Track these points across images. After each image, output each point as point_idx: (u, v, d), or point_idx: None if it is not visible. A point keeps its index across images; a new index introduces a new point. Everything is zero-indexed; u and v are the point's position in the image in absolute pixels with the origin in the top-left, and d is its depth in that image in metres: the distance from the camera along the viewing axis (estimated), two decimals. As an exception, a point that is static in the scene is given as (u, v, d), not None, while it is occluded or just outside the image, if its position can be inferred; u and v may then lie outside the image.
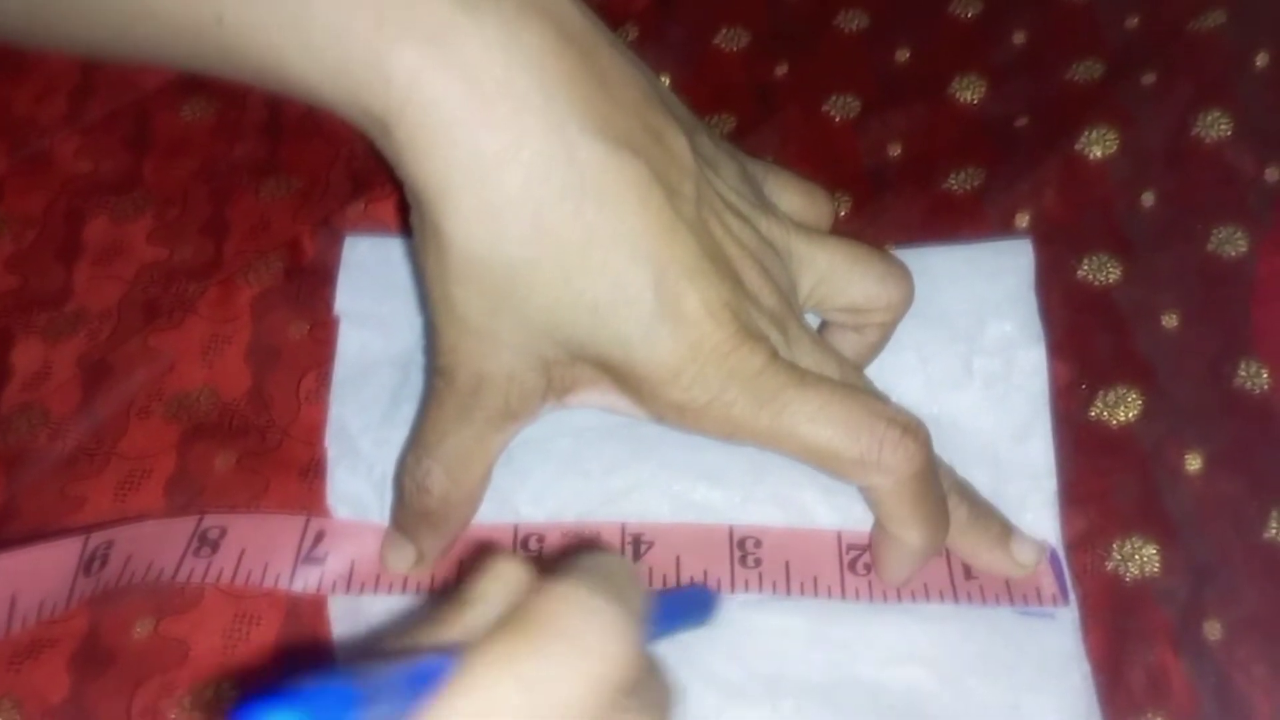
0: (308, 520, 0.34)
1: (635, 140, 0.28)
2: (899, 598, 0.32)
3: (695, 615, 0.30)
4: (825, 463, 0.30)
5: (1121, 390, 0.35)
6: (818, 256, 0.32)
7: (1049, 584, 0.32)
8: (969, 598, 0.32)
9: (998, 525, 0.32)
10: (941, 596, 0.32)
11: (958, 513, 0.32)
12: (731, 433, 0.30)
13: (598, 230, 0.28)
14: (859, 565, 0.32)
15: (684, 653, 0.31)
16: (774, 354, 0.29)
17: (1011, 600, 0.32)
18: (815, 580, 0.32)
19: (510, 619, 0.20)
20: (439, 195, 0.27)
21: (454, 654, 0.19)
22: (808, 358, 0.31)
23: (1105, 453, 0.34)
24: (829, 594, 0.32)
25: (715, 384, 0.29)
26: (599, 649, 0.20)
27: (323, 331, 0.37)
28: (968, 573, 0.32)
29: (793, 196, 0.35)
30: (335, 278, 0.38)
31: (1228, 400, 0.34)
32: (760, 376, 0.29)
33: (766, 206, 0.33)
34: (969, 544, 0.32)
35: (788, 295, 0.31)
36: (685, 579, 0.32)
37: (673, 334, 0.28)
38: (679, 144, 0.30)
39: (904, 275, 0.33)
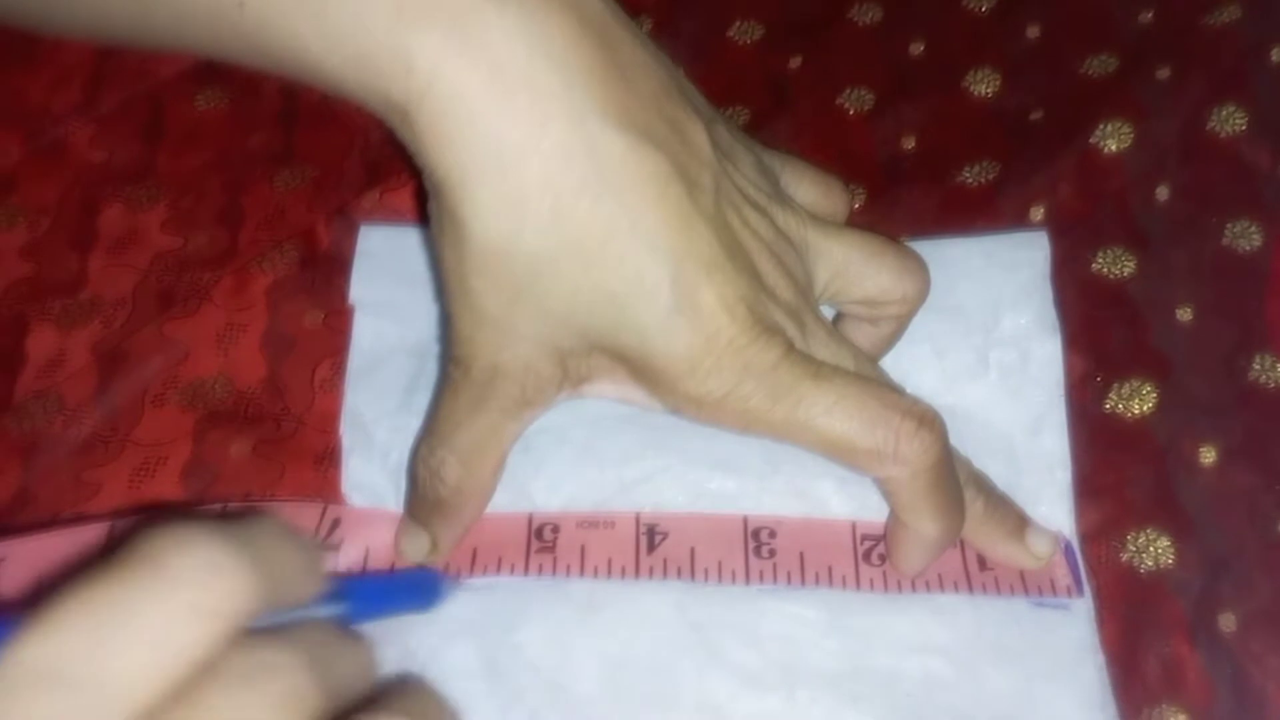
0: (325, 507, 0.34)
1: (655, 132, 0.28)
2: (914, 588, 0.32)
3: (417, 598, 0.30)
4: (841, 455, 0.30)
5: (1136, 383, 0.35)
6: (834, 249, 0.32)
7: (1063, 575, 0.32)
8: (983, 589, 0.32)
9: (1013, 517, 0.32)
10: (956, 587, 0.32)
11: (974, 504, 0.32)
12: (747, 425, 0.30)
13: (617, 222, 0.28)
14: (874, 556, 0.33)
15: (699, 637, 0.31)
16: (790, 347, 0.29)
17: (1026, 591, 0.32)
18: (830, 571, 0.32)
19: (101, 564, 0.19)
20: (458, 185, 0.28)
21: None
22: (823, 350, 0.31)
23: (1120, 445, 0.34)
24: (844, 584, 0.32)
25: (731, 377, 0.29)
26: (192, 578, 0.19)
27: (338, 320, 0.37)
28: (982, 564, 0.32)
29: (809, 188, 0.35)
30: (350, 267, 0.38)
31: (1242, 393, 0.34)
32: (776, 370, 0.29)
33: (783, 198, 0.33)
34: (984, 535, 0.32)
35: (804, 288, 0.31)
36: (700, 570, 0.32)
37: (689, 327, 0.29)
38: (698, 135, 0.30)
39: (920, 268, 0.33)
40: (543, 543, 0.33)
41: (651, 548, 0.33)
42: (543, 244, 0.28)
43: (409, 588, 0.31)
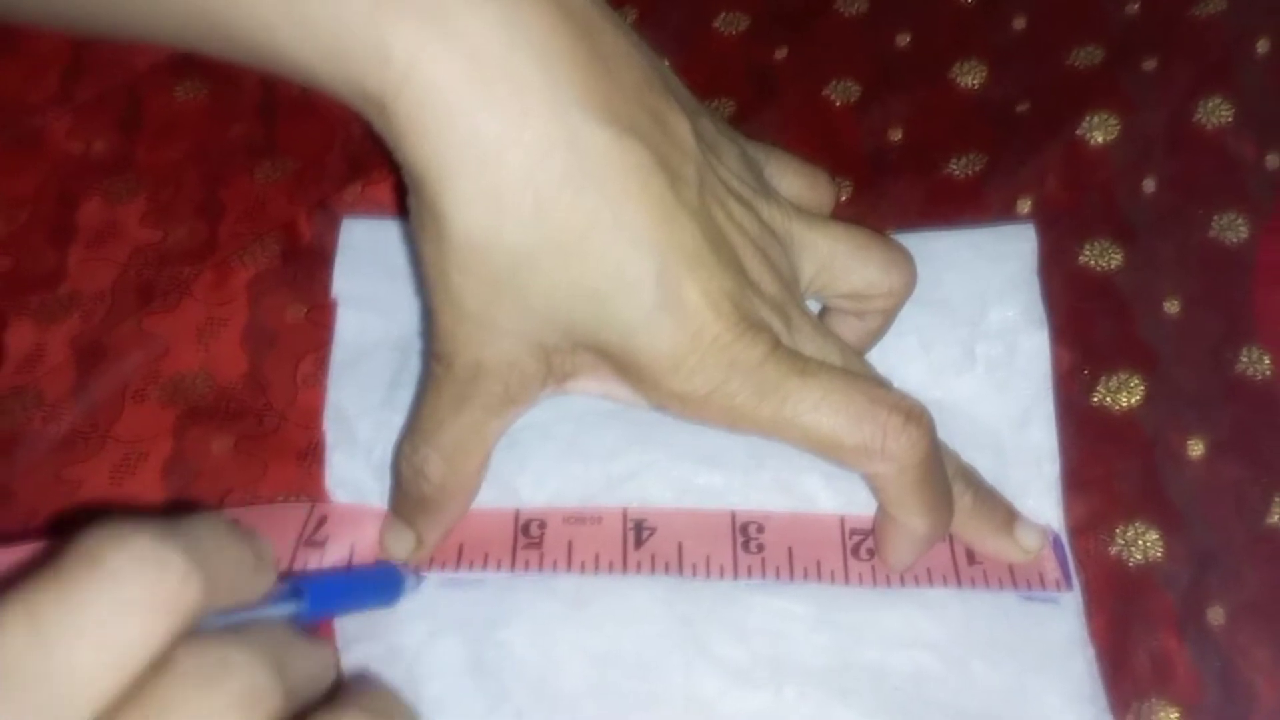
0: (312, 505, 0.33)
1: (637, 124, 0.28)
2: (902, 583, 0.32)
3: (379, 594, 0.30)
4: (829, 451, 0.30)
5: (1124, 376, 0.35)
6: (819, 242, 0.32)
7: (1052, 569, 0.32)
8: (972, 583, 0.32)
9: (1002, 510, 0.32)
10: (945, 581, 0.32)
11: (962, 498, 0.31)
12: (734, 423, 0.30)
13: (598, 216, 0.27)
14: (862, 550, 0.32)
15: (687, 632, 0.31)
16: (776, 343, 0.29)
17: (1015, 585, 0.32)
18: (818, 565, 0.32)
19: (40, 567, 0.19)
20: (438, 179, 0.27)
21: None
22: (810, 345, 0.30)
23: (1108, 438, 0.34)
24: (832, 579, 0.32)
25: (717, 374, 0.29)
26: (132, 573, 0.19)
27: (320, 314, 0.37)
28: (970, 558, 0.32)
29: (794, 180, 0.35)
30: (333, 260, 0.37)
31: (1230, 386, 0.34)
32: (762, 366, 0.29)
33: (768, 191, 0.32)
34: (973, 529, 0.32)
35: (789, 282, 0.31)
36: (688, 566, 0.32)
37: (673, 323, 0.28)
38: (681, 127, 0.29)
39: (906, 261, 0.33)
40: (529, 538, 0.33)
41: (639, 543, 0.33)
42: (523, 239, 0.27)
43: (369, 584, 0.31)
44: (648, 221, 0.28)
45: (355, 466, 0.34)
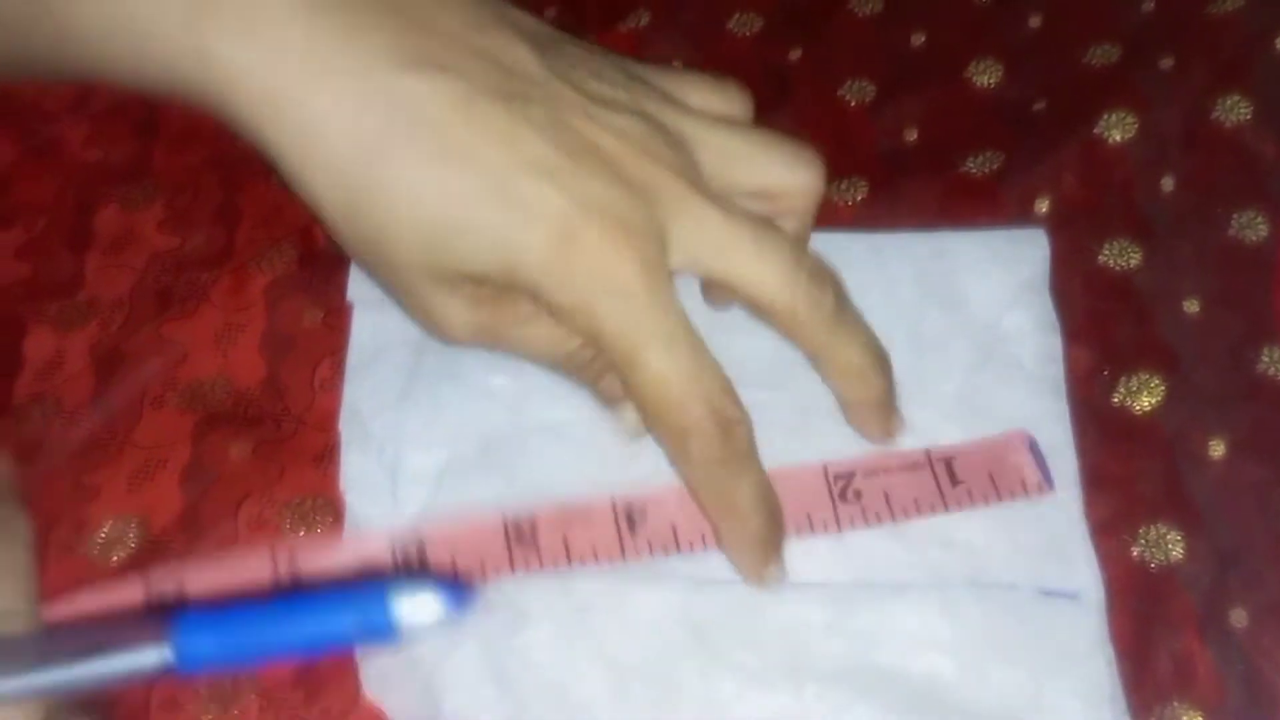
0: (274, 553, 0.33)
1: (456, 65, 0.29)
2: (892, 516, 0.32)
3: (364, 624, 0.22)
4: (651, 421, 0.30)
5: (1144, 376, 0.34)
6: (717, 137, 0.32)
7: (1032, 474, 0.33)
8: (958, 504, 0.32)
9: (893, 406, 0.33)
10: (932, 509, 0.32)
11: (877, 384, 0.32)
12: (596, 338, 0.30)
13: (427, 155, 0.29)
14: (849, 493, 0.33)
15: (699, 639, 0.31)
16: (648, 265, 0.29)
17: (999, 495, 0.32)
18: (809, 519, 0.32)
19: None
20: (288, 159, 0.29)
21: None
22: (715, 223, 0.30)
23: (1128, 439, 0.34)
24: (825, 529, 0.32)
25: (585, 288, 0.29)
26: None
27: (337, 319, 0.37)
28: (953, 479, 0.33)
29: (706, 96, 0.34)
30: (349, 264, 0.37)
31: (1250, 386, 0.34)
32: (629, 297, 0.29)
33: (658, 97, 0.32)
34: (868, 418, 0.33)
35: (684, 170, 0.30)
36: (684, 544, 0.32)
37: (536, 232, 0.29)
38: (520, 58, 0.30)
39: (814, 158, 0.33)
40: (523, 540, 0.32)
41: (633, 530, 0.33)
42: (369, 200, 0.29)
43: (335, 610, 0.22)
44: (482, 146, 0.29)
45: (368, 464, 0.34)
